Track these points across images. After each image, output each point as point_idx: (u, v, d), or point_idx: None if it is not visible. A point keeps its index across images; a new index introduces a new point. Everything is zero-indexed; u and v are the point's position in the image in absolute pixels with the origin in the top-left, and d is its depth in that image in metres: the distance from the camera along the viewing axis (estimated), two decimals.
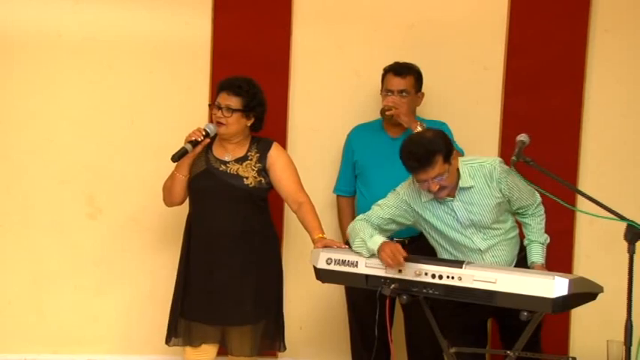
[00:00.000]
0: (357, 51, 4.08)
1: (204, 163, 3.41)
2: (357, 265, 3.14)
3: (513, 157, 3.14)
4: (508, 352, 3.11)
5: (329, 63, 4.09)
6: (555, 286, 2.86)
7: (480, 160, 3.26)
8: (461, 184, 3.22)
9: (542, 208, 3.32)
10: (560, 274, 3.01)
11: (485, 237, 3.29)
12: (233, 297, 3.36)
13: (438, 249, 3.37)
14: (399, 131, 3.75)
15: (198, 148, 3.36)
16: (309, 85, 4.07)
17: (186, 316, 3.41)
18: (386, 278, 3.08)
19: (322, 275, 3.24)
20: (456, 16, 4.07)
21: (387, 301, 3.06)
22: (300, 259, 3.62)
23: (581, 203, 3.44)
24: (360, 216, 3.36)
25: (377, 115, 3.83)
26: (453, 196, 3.24)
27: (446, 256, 3.32)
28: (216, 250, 3.36)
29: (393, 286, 3.05)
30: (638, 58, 4.07)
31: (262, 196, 3.43)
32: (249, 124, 3.41)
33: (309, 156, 4.00)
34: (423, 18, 4.07)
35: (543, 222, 3.33)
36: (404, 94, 3.68)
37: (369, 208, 3.66)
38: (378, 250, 3.12)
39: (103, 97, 4.03)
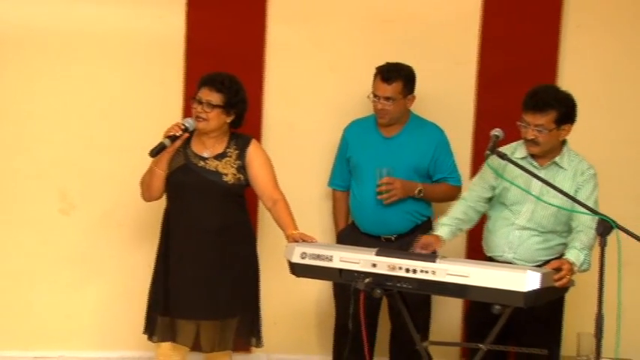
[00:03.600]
0: (332, 47, 4.06)
1: (182, 158, 3.40)
2: (331, 260, 3.14)
3: (487, 151, 3.17)
4: (480, 345, 3.12)
5: (304, 59, 4.07)
6: (527, 280, 2.87)
7: (583, 157, 3.36)
8: (557, 159, 3.29)
9: (593, 236, 3.14)
10: (533, 267, 3.03)
11: (529, 220, 3.32)
12: (209, 292, 3.35)
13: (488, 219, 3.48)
14: (392, 131, 3.76)
15: (177, 143, 3.34)
16: (284, 82, 4.05)
17: (162, 312, 3.39)
18: (360, 272, 3.08)
19: (297, 269, 3.23)
20: (430, 12, 4.07)
21: (362, 296, 3.06)
22: (274, 254, 3.60)
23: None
24: (463, 193, 3.54)
25: (354, 111, 3.83)
26: (542, 165, 3.32)
27: (490, 227, 3.46)
28: (194, 245, 3.35)
29: (366, 280, 3.04)
30: (611, 52, 4.09)
31: (240, 193, 3.43)
32: (228, 121, 3.40)
33: (284, 152, 3.96)
34: (397, 14, 4.06)
35: (588, 244, 3.19)
36: (390, 101, 3.66)
37: (359, 206, 3.77)
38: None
39: (75, 92, 3.99)
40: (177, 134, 3.33)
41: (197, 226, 3.35)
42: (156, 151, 3.31)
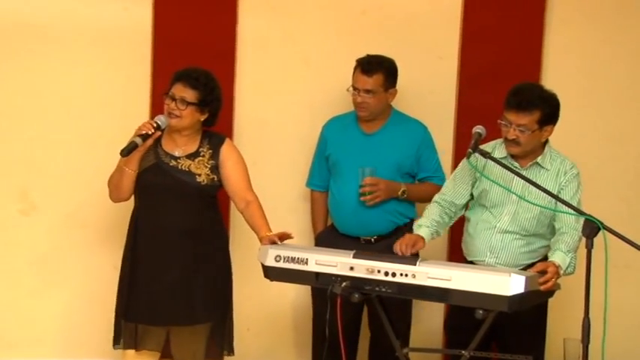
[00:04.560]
0: (307, 39, 3.99)
1: (153, 157, 3.31)
2: (307, 263, 3.07)
3: (469, 150, 3.11)
4: (463, 351, 3.07)
5: (278, 52, 3.99)
6: (511, 284, 2.82)
7: (565, 156, 3.32)
8: (539, 160, 3.26)
9: (577, 238, 3.09)
10: (517, 270, 2.99)
11: (511, 223, 3.26)
12: (181, 296, 3.28)
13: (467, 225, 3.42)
14: (373, 127, 3.69)
15: (149, 142, 3.24)
16: (256, 75, 3.98)
17: (130, 318, 3.31)
18: (337, 276, 3.01)
19: (271, 273, 3.15)
20: (410, 4, 4.02)
21: (339, 300, 2.97)
22: (248, 257, 3.54)
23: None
24: (436, 196, 3.45)
25: (330, 107, 3.77)
26: (523, 166, 3.26)
27: (470, 230, 3.39)
28: (165, 248, 3.27)
29: (344, 284, 2.97)
30: (595, 48, 4.06)
31: (213, 194, 3.36)
32: (202, 119, 3.32)
33: (257, 151, 3.90)
34: (375, 5, 4.00)
35: (573, 246, 3.12)
36: (370, 94, 3.59)
37: (338, 206, 3.72)
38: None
39: (37, 87, 3.89)
40: (150, 132, 3.23)
41: (168, 227, 3.27)
42: (127, 151, 3.21)
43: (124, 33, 3.89)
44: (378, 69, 3.58)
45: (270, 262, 3.11)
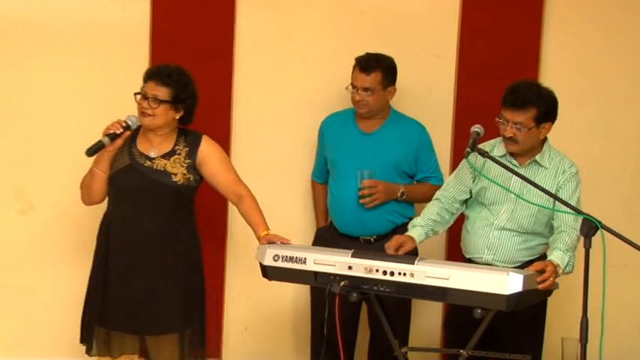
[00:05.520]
0: (305, 38, 3.98)
1: (127, 157, 3.21)
2: (305, 262, 3.05)
3: (467, 149, 3.10)
4: (461, 350, 3.05)
5: (275, 50, 3.98)
6: (510, 283, 2.80)
7: (564, 155, 3.32)
8: (538, 158, 3.26)
9: (576, 237, 3.11)
10: (515, 269, 2.98)
11: (508, 221, 3.26)
12: (157, 303, 3.18)
13: (466, 222, 3.42)
14: (372, 126, 3.68)
15: (118, 142, 3.15)
16: (254, 74, 3.96)
17: (104, 324, 3.23)
18: (335, 275, 3.00)
19: (269, 272, 3.13)
20: (408, 3, 4.01)
21: (337, 299, 2.96)
22: (245, 256, 3.54)
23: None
24: (437, 192, 3.45)
25: (328, 105, 3.76)
26: (521, 164, 3.26)
27: (468, 227, 3.39)
28: (140, 252, 3.17)
29: (342, 283, 2.96)
30: (593, 46, 4.05)
31: (190, 196, 3.25)
32: (177, 117, 3.21)
33: (254, 148, 3.90)
34: (373, 4, 3.98)
35: (572, 245, 3.12)
36: (368, 92, 3.58)
37: (337, 205, 3.71)
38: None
39: (34, 86, 3.86)
40: (118, 132, 3.14)
41: (143, 230, 3.16)
42: (92, 151, 3.12)
43: (122, 32, 3.87)
44: (376, 67, 3.57)
45: (269, 262, 3.09)
